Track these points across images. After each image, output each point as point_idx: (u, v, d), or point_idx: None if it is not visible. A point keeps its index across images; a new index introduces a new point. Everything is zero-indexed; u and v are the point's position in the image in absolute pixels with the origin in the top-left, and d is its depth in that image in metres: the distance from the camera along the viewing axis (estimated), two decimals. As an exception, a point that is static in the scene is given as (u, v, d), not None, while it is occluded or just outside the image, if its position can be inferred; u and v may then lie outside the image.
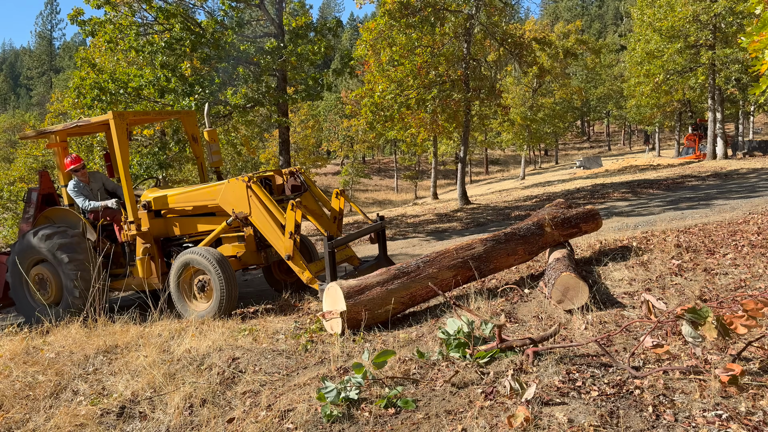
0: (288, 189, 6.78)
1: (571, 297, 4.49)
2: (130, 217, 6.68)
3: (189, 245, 6.82)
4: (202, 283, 6.18)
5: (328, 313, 4.79)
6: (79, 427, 3.79)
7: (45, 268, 6.93)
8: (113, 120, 6.49)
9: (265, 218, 6.08)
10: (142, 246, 6.69)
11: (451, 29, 18.86)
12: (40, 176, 7.87)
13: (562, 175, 34.37)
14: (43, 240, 6.77)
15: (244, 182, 6.18)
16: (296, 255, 5.94)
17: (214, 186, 6.54)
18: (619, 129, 68.02)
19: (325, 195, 7.10)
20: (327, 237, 5.73)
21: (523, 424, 2.75)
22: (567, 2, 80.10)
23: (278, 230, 6.00)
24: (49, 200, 7.81)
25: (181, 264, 6.20)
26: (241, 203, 6.22)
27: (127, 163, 6.66)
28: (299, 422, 3.27)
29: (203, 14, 33.45)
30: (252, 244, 6.53)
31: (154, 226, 6.80)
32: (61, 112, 25.73)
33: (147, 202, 6.77)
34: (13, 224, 23.04)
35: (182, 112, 7.97)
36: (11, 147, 42.08)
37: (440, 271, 5.09)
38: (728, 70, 25.06)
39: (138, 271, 6.75)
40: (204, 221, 6.73)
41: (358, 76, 23.76)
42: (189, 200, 6.71)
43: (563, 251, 5.55)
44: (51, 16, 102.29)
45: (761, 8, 4.22)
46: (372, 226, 6.70)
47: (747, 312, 3.11)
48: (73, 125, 7.08)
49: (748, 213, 8.79)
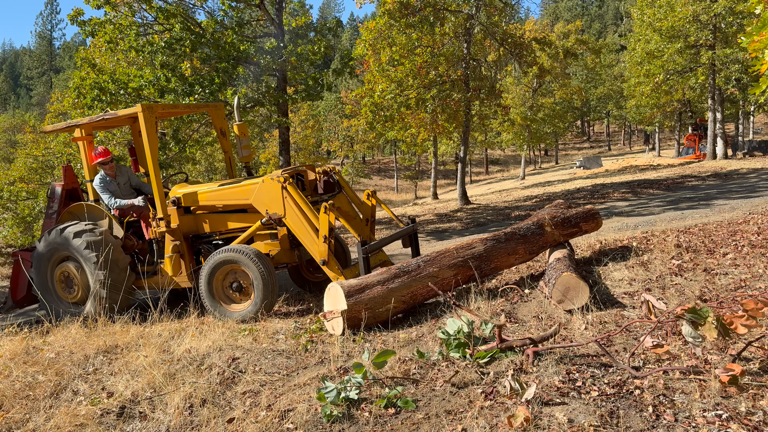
0: (320, 188, 6.55)
1: (572, 297, 4.49)
2: (159, 214, 6.46)
3: (218, 243, 6.61)
4: (239, 283, 5.96)
5: (329, 313, 4.77)
6: (79, 427, 3.79)
7: (71, 266, 6.71)
8: (142, 113, 6.27)
9: (300, 221, 5.86)
10: (171, 243, 6.46)
11: (451, 29, 18.86)
12: (64, 171, 7.66)
13: (562, 175, 34.36)
14: (71, 237, 6.53)
15: (279, 183, 5.95)
16: (331, 260, 5.74)
17: (247, 185, 6.29)
18: (619, 129, 68.02)
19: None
20: (360, 242, 5.58)
21: (523, 424, 2.75)
22: (567, 2, 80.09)
23: (313, 233, 5.79)
24: (73, 196, 7.60)
25: (217, 262, 5.94)
26: (275, 204, 6.00)
27: (156, 157, 6.43)
28: (299, 422, 3.27)
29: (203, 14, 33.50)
30: (286, 243, 6.28)
31: (184, 222, 6.57)
32: (61, 112, 25.73)
33: (177, 198, 6.54)
34: (13, 224, 23.03)
35: (210, 106, 7.71)
36: (11, 147, 42.07)
37: (441, 270, 5.10)
38: (728, 70, 25.06)
39: (167, 269, 6.53)
40: (235, 218, 6.50)
41: (358, 76, 23.77)
42: (220, 198, 6.49)
43: (564, 251, 5.55)
44: (51, 16, 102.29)
45: (761, 8, 4.22)
46: (404, 229, 6.53)
47: (747, 312, 3.11)
48: (99, 118, 6.85)
49: (748, 213, 8.79)
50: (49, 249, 6.77)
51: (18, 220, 23.36)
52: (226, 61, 12.25)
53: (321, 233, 5.70)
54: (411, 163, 49.68)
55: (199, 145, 16.33)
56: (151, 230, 6.67)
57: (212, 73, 12.24)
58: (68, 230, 6.59)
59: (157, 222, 6.52)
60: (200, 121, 14.34)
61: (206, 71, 12.81)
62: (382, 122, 18.75)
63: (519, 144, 39.88)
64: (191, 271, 6.55)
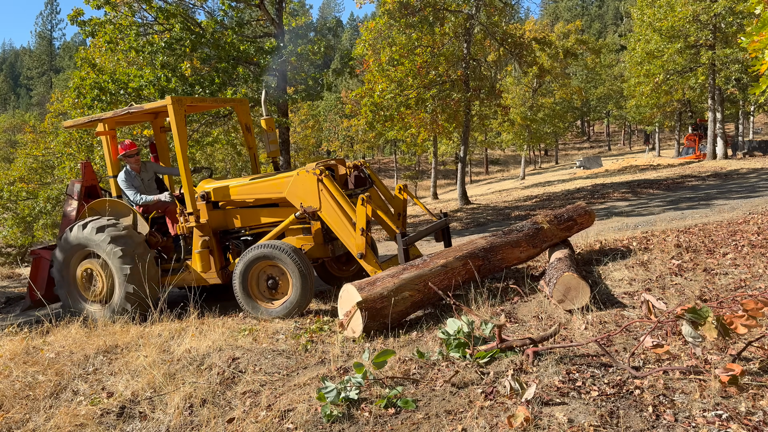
0: (351, 182, 6.43)
1: (572, 297, 4.49)
2: (188, 209, 6.34)
3: (248, 238, 6.51)
4: (274, 279, 5.85)
5: (344, 317, 4.62)
6: (79, 427, 3.79)
7: (94, 263, 6.49)
8: (172, 105, 6.16)
9: (336, 214, 5.73)
10: (200, 239, 6.30)
11: (451, 29, 18.87)
12: (83, 167, 7.50)
13: (562, 175, 34.37)
14: (94, 232, 6.32)
15: (315, 175, 5.82)
16: (369, 253, 5.63)
17: (281, 178, 6.15)
18: (619, 129, 68.01)
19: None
20: (400, 234, 5.53)
21: (523, 424, 2.75)
22: (567, 2, 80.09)
23: (350, 226, 5.66)
24: (92, 193, 7.45)
25: (252, 258, 5.81)
26: (310, 197, 5.86)
27: (186, 150, 6.31)
28: (299, 422, 3.27)
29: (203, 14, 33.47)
30: (319, 237, 6.16)
31: (213, 218, 6.43)
32: (61, 112, 25.74)
33: (206, 192, 6.39)
34: (13, 224, 23.03)
35: (236, 100, 7.59)
36: (11, 147, 42.09)
37: (449, 261, 5.10)
38: (728, 70, 25.06)
39: (195, 266, 6.38)
40: (266, 213, 6.37)
41: (358, 75, 23.76)
42: (252, 192, 6.34)
43: (565, 251, 5.57)
44: (51, 16, 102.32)
45: (761, 8, 4.22)
46: (438, 222, 6.44)
47: (747, 312, 3.10)
48: (123, 112, 6.68)
49: (748, 213, 8.79)
50: (71, 245, 6.57)
51: (18, 220, 23.36)
52: (226, 61, 12.25)
53: (358, 226, 5.57)
54: (411, 163, 49.66)
55: (199, 146, 16.34)
56: (179, 226, 6.52)
57: (212, 73, 12.24)
58: (91, 225, 6.40)
59: (186, 217, 6.38)
60: (200, 121, 14.35)
61: (206, 71, 12.81)
62: (382, 122, 18.76)
63: (519, 144, 39.90)
64: (220, 267, 6.43)
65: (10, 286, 11.57)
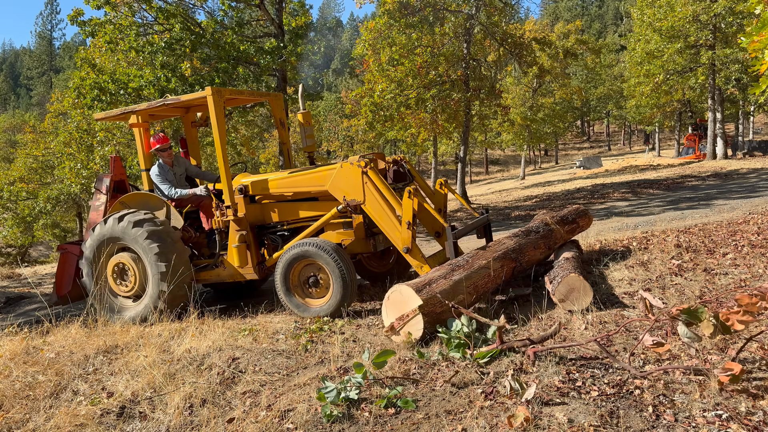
0: (390, 177, 6.29)
1: (574, 298, 4.48)
2: (227, 202, 6.21)
3: (284, 233, 6.40)
4: (316, 278, 5.77)
5: (397, 321, 4.28)
6: (79, 427, 3.79)
7: (127, 257, 6.35)
8: (211, 96, 6.08)
9: (381, 207, 5.59)
10: (238, 233, 6.16)
11: (451, 29, 18.87)
12: (112, 161, 7.39)
13: (562, 175, 34.37)
14: (131, 226, 6.17)
15: (359, 167, 5.67)
16: (415, 248, 5.44)
17: (323, 171, 6.02)
18: (619, 129, 68.01)
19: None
20: (450, 227, 5.40)
21: (523, 424, 2.75)
22: (567, 2, 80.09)
23: (395, 220, 5.50)
24: (120, 187, 7.32)
25: (293, 257, 5.69)
26: (354, 190, 5.72)
27: (225, 142, 6.19)
28: (299, 422, 3.27)
29: (203, 14, 33.47)
30: (361, 232, 5.94)
31: (249, 212, 6.29)
32: (61, 112, 25.74)
33: (244, 186, 6.25)
34: (13, 224, 23.04)
35: (271, 95, 7.47)
36: (11, 147, 42.09)
37: (489, 262, 5.01)
38: (728, 70, 25.07)
39: (232, 261, 6.26)
40: (305, 207, 6.23)
41: (357, 75, 23.76)
42: (293, 185, 6.22)
43: (574, 252, 5.64)
44: (51, 16, 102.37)
45: (761, 8, 4.22)
46: (480, 219, 6.34)
47: (742, 307, 3.02)
48: (158, 104, 6.50)
49: (748, 213, 8.79)
50: (103, 239, 6.42)
51: (18, 220, 23.34)
52: (226, 61, 12.25)
53: (404, 219, 5.42)
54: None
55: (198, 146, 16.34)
56: (214, 220, 6.38)
57: (212, 73, 12.25)
58: (128, 219, 6.26)
59: (224, 210, 6.26)
60: (201, 121, 14.33)
61: (206, 71, 12.81)
62: (382, 122, 18.76)
63: (519, 144, 39.89)
64: (257, 262, 6.31)
65: (10, 286, 11.57)
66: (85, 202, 26.08)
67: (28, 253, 29.49)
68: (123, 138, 15.88)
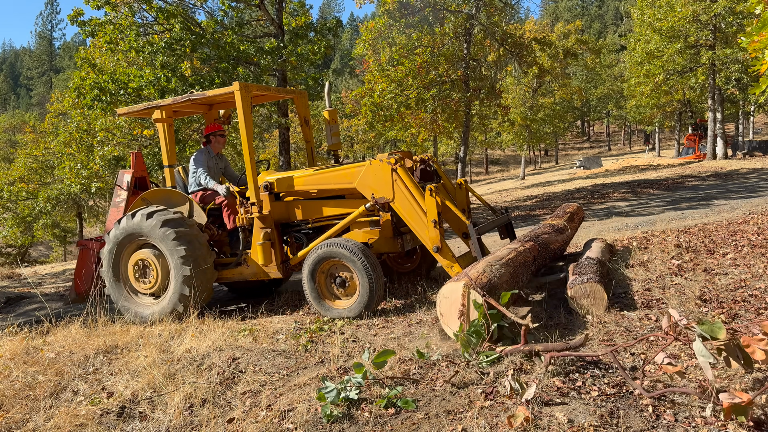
0: (417, 176, 6.23)
1: (589, 303, 4.43)
2: (252, 199, 6.13)
3: (308, 231, 6.33)
4: (342, 278, 5.69)
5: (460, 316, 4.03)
6: (79, 427, 3.79)
7: (149, 253, 6.25)
8: (239, 91, 6.00)
9: (411, 205, 5.53)
10: (262, 231, 6.07)
11: (451, 29, 18.88)
12: (133, 158, 7.36)
13: (562, 175, 34.37)
14: (159, 225, 6.05)
15: (389, 165, 5.61)
16: (445, 247, 5.38)
17: (351, 168, 5.95)
18: (619, 129, 68.03)
19: None
20: (472, 223, 5.41)
21: (523, 424, 2.75)
22: (567, 2, 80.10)
23: (425, 219, 5.44)
24: (141, 184, 7.27)
25: (319, 257, 5.60)
26: (383, 188, 5.65)
27: (252, 139, 6.13)
28: (299, 422, 3.27)
29: (203, 14, 33.47)
30: (388, 230, 5.89)
31: (274, 209, 6.21)
32: (61, 112, 25.75)
33: (269, 183, 6.16)
34: (13, 224, 23.05)
35: (296, 92, 7.43)
36: (11, 147, 42.11)
37: (517, 254, 4.98)
38: (728, 70, 25.07)
39: (256, 259, 6.15)
40: (332, 204, 6.15)
41: (357, 75, 23.76)
42: (319, 183, 6.15)
43: (604, 247, 5.89)
44: (51, 16, 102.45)
45: (761, 8, 4.22)
46: (501, 217, 6.32)
47: (767, 335, 2.72)
48: (183, 99, 6.43)
49: (748, 213, 8.79)
50: (126, 235, 6.32)
51: (18, 220, 23.34)
52: (226, 61, 12.26)
53: (429, 217, 5.37)
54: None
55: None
56: (239, 217, 6.30)
57: (212, 73, 12.26)
58: (157, 216, 6.15)
59: (249, 207, 6.17)
60: (200, 121, 14.35)
61: (206, 71, 12.82)
62: (382, 122, 18.78)
63: (519, 144, 39.90)
64: (281, 260, 6.25)
65: (10, 286, 11.57)
66: (84, 202, 26.08)
67: (28, 253, 29.52)
68: (123, 138, 15.87)
